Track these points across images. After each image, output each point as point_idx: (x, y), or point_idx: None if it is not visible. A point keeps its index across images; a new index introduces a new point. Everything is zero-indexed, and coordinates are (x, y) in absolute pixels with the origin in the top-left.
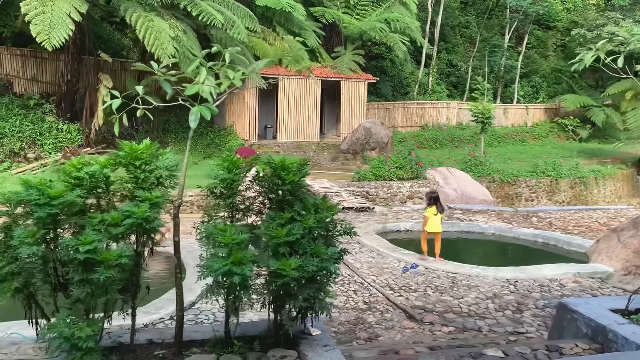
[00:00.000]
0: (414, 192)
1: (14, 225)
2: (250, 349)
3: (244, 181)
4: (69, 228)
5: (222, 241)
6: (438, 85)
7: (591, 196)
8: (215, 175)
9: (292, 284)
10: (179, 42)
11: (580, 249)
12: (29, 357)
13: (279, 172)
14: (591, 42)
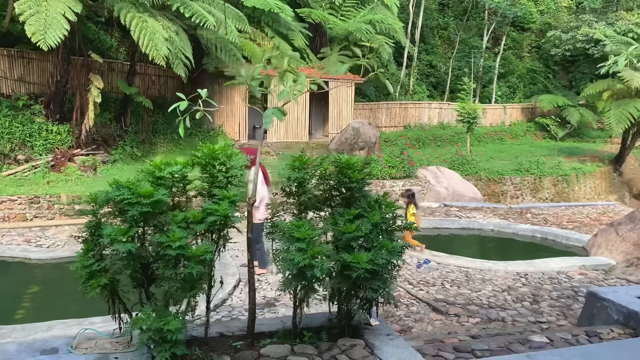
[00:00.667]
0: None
1: (101, 223)
2: (319, 339)
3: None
4: (156, 226)
5: (299, 236)
6: (419, 86)
7: (573, 193)
8: (285, 175)
9: (364, 276)
10: (172, 44)
11: (579, 243)
12: (109, 351)
13: (346, 170)
14: (566, 43)
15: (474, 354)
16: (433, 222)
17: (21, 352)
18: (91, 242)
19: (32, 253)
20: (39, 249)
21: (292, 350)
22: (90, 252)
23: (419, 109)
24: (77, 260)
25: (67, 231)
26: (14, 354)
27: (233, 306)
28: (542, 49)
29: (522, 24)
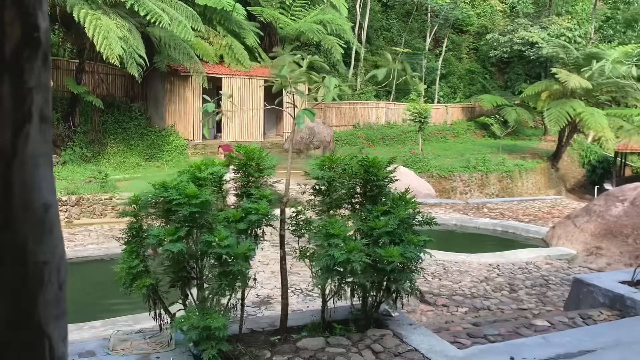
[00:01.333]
0: None
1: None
2: (347, 331)
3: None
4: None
5: (334, 232)
6: (366, 86)
7: (516, 188)
8: (316, 174)
9: (397, 269)
10: (126, 42)
11: (538, 235)
12: (147, 351)
13: (372, 169)
14: (504, 45)
15: (487, 339)
16: None
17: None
18: (134, 243)
19: None
20: None
21: (327, 342)
22: (134, 253)
23: (367, 108)
24: (121, 262)
25: None
26: None
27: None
28: (480, 51)
29: (460, 26)
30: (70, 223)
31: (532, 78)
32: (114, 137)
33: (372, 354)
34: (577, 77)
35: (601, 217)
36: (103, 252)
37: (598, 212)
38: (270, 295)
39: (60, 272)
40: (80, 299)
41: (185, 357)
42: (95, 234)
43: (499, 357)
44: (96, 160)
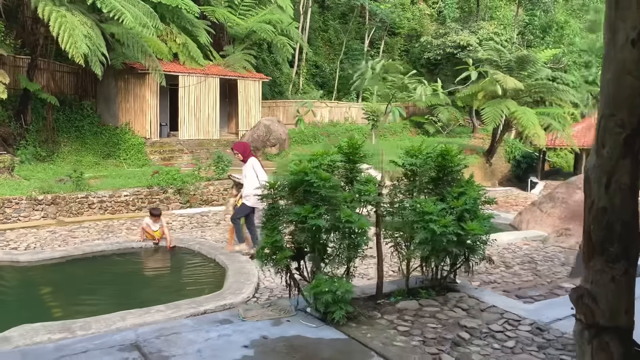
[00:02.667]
0: None
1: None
2: (429, 295)
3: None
4: (331, 204)
5: (429, 211)
6: (308, 85)
7: None
8: (407, 162)
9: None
10: (90, 40)
11: (505, 221)
12: (274, 317)
13: (447, 156)
14: (437, 48)
15: (535, 298)
16: None
17: (202, 324)
18: (275, 221)
19: (18, 256)
20: (22, 251)
21: (420, 304)
22: (275, 230)
23: (313, 107)
24: (263, 237)
25: (31, 233)
26: (196, 326)
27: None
28: (411, 53)
29: (393, 29)
30: (62, 221)
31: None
32: (67, 136)
33: (462, 311)
34: (512, 79)
35: (565, 203)
36: (115, 247)
37: (561, 198)
38: None
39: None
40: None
41: (309, 319)
42: (94, 230)
43: (561, 308)
44: (51, 160)
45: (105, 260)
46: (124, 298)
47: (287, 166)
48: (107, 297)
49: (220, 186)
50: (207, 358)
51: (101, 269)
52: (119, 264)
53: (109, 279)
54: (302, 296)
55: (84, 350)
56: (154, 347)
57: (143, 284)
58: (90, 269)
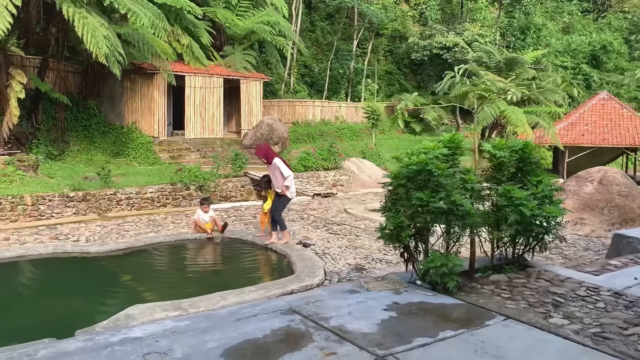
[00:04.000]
0: (336, 180)
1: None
2: (512, 270)
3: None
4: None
5: (517, 196)
6: (298, 85)
7: None
8: (500, 154)
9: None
10: (109, 41)
11: None
12: (391, 288)
13: (527, 150)
14: (424, 49)
15: (592, 273)
16: None
17: (334, 293)
18: (398, 205)
19: (88, 247)
20: (88, 243)
21: (508, 277)
22: (399, 212)
23: (304, 106)
24: (388, 219)
25: (82, 227)
26: (331, 295)
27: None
28: (395, 53)
29: (377, 29)
30: (105, 216)
31: (442, 79)
32: (76, 135)
33: (546, 282)
34: (502, 79)
35: (577, 195)
36: (172, 238)
37: (573, 191)
38: (361, 264)
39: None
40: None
41: (422, 289)
42: (141, 223)
43: (625, 278)
44: (62, 158)
45: (167, 250)
46: (199, 283)
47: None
48: (184, 282)
49: (238, 183)
50: (359, 317)
51: (166, 258)
52: (181, 253)
53: (176, 267)
54: (413, 270)
55: (254, 314)
56: (309, 311)
57: (210, 270)
58: (156, 258)
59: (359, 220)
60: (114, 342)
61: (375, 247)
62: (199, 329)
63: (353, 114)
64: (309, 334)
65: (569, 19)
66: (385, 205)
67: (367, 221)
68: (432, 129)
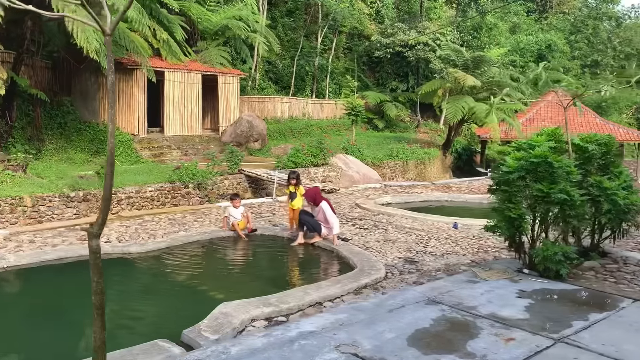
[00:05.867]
0: (326, 176)
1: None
2: (596, 258)
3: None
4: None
5: (608, 187)
6: (264, 82)
7: (427, 173)
8: (590, 148)
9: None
10: (97, 35)
11: None
12: (503, 277)
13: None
14: (386, 46)
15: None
16: (398, 198)
17: (457, 283)
18: (518, 196)
19: (128, 247)
20: (125, 243)
21: (599, 263)
22: (519, 203)
23: (273, 103)
24: (506, 210)
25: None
26: (455, 285)
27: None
28: (353, 51)
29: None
30: (121, 216)
31: (400, 77)
32: (52, 133)
33: (634, 266)
34: (471, 77)
35: None
36: (207, 237)
37: None
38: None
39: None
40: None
41: (532, 277)
42: (163, 222)
43: None
44: (40, 157)
45: (207, 248)
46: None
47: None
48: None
49: (234, 180)
50: (501, 304)
51: (209, 256)
52: (221, 251)
53: (223, 264)
54: (520, 258)
55: (401, 305)
56: (449, 301)
57: (258, 267)
58: (199, 256)
59: (376, 214)
60: (293, 336)
61: (411, 240)
62: (361, 321)
63: (319, 110)
64: (471, 321)
65: (518, 19)
66: (501, 197)
67: (386, 215)
68: (394, 125)
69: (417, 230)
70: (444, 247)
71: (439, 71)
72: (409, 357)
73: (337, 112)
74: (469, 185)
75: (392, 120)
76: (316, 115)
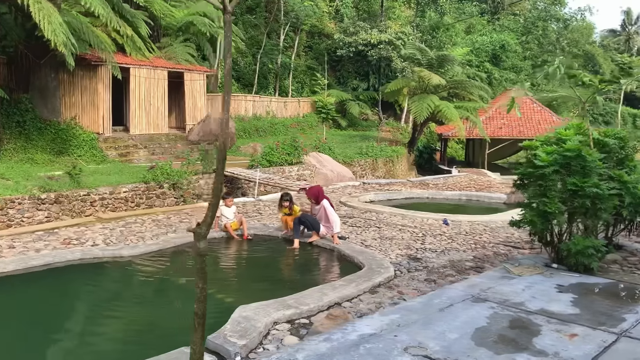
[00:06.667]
0: (300, 174)
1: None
2: (611, 251)
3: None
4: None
5: (628, 181)
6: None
7: (395, 170)
8: (610, 142)
9: None
10: (63, 28)
11: (500, 200)
12: (535, 272)
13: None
14: (349, 45)
15: None
16: (381, 195)
17: (492, 279)
18: (553, 190)
19: (120, 251)
20: (115, 247)
21: (620, 255)
22: (555, 198)
23: (237, 101)
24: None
25: (87, 229)
26: (492, 281)
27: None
28: (314, 49)
29: (296, 25)
30: (101, 218)
31: (361, 75)
32: (10, 132)
33: None
34: (436, 76)
35: None
36: None
37: None
38: (415, 255)
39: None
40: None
41: (562, 272)
42: (148, 224)
43: None
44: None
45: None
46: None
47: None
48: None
49: (210, 180)
50: (547, 300)
51: (209, 258)
52: (216, 252)
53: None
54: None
55: (449, 304)
56: (494, 298)
57: (258, 267)
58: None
59: (364, 212)
60: (355, 340)
61: (407, 237)
62: (416, 321)
63: (282, 108)
64: (526, 318)
65: (476, 19)
66: (534, 191)
67: (374, 213)
68: (356, 124)
69: (410, 228)
70: (440, 243)
71: (401, 70)
72: (483, 358)
73: (300, 111)
74: (445, 182)
75: (354, 118)
76: (280, 114)
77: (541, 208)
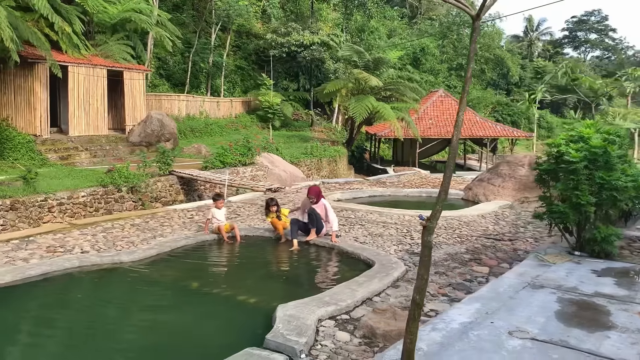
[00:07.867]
0: (254, 175)
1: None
2: None
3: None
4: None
5: (630, 174)
6: (156, 79)
7: (338, 170)
8: (617, 140)
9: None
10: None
11: (457, 196)
12: (564, 259)
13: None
14: (282, 46)
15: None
16: (347, 194)
17: (532, 268)
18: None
19: (120, 257)
20: (111, 253)
21: (625, 243)
22: (585, 191)
23: (170, 100)
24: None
25: (65, 236)
26: (533, 270)
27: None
28: (242, 49)
29: (225, 25)
30: (75, 224)
31: (291, 76)
32: None
33: None
34: (374, 77)
35: (513, 178)
36: (192, 241)
37: (508, 174)
38: (412, 251)
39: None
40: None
41: (586, 258)
42: (130, 229)
43: None
44: None
45: (199, 253)
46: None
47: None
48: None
49: (167, 182)
50: (594, 284)
51: (211, 260)
52: (218, 255)
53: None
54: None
55: (516, 291)
56: (549, 284)
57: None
58: (200, 261)
59: (339, 211)
60: (458, 328)
61: (395, 233)
62: (499, 309)
63: (215, 109)
64: (589, 301)
65: (397, 23)
66: (567, 185)
67: (349, 211)
68: (289, 124)
69: (392, 224)
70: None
71: (334, 71)
72: (580, 337)
73: (232, 111)
74: (400, 181)
75: (287, 119)
76: (213, 114)
77: (574, 200)
